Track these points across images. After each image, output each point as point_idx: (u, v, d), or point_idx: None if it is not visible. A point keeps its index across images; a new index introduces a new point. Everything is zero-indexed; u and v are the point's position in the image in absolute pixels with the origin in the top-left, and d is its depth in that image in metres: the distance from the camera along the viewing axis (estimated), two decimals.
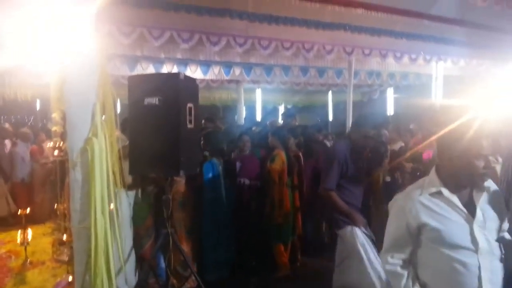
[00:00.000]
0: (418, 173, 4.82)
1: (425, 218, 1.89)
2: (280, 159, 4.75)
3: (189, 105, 3.26)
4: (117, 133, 2.83)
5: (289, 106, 15.00)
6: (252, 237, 4.78)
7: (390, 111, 12.01)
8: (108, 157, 2.38)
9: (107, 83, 2.51)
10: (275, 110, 14.73)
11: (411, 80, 10.65)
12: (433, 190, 1.92)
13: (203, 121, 6.93)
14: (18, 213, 5.49)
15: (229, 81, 10.28)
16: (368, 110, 12.73)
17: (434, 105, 8.26)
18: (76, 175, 2.34)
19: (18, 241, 4.93)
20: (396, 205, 2.05)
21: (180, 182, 4.15)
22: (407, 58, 7.62)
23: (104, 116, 2.45)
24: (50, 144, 6.52)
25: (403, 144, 6.51)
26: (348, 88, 7.70)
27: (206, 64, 8.54)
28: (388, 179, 5.33)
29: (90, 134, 2.32)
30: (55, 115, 4.32)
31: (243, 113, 11.01)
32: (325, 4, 5.59)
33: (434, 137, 4.20)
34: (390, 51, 7.28)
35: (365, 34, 6.50)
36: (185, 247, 4.07)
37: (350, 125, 7.44)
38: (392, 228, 2.05)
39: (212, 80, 9.77)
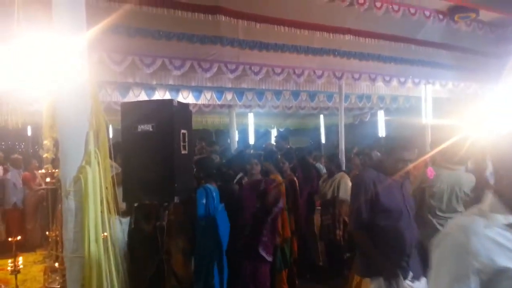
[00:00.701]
0: None
1: (504, 261, 1.36)
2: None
3: (183, 131, 3.29)
4: (110, 162, 2.85)
5: (281, 129, 15.13)
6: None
7: (381, 133, 12.16)
8: (102, 185, 2.39)
9: (99, 111, 2.54)
10: (268, 133, 14.85)
11: (401, 103, 10.84)
12: (504, 220, 1.41)
13: (202, 144, 6.99)
14: (9, 240, 5.41)
15: (221, 106, 10.39)
16: (365, 132, 12.91)
17: (425, 126, 8.40)
18: (69, 204, 2.34)
19: (9, 269, 4.83)
20: (451, 243, 1.48)
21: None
22: (396, 82, 7.80)
23: (97, 144, 2.47)
24: (42, 171, 6.51)
25: None
26: (340, 111, 7.83)
27: (198, 90, 8.64)
28: None
29: (84, 162, 2.33)
30: (47, 142, 4.34)
31: (236, 137, 11.09)
32: (314, 30, 5.76)
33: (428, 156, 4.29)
34: (379, 75, 7.45)
35: (354, 58, 6.66)
36: (184, 271, 4.03)
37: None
38: (447, 277, 1.44)
39: (204, 105, 9.87)
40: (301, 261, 5.50)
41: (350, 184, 5.33)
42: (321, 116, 13.31)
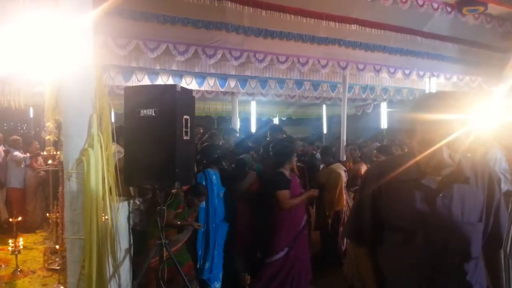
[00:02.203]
0: None
1: None
2: None
3: (185, 117, 3.28)
4: (115, 146, 2.85)
5: (283, 118, 15.09)
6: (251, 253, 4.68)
7: (384, 125, 12.13)
8: (104, 168, 2.39)
9: (103, 95, 2.54)
10: (270, 121, 14.83)
11: (405, 95, 10.80)
12: None
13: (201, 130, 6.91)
14: (10, 220, 5.47)
15: (224, 93, 10.36)
16: (367, 123, 12.88)
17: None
18: (71, 186, 2.35)
19: (10, 249, 4.88)
20: None
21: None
22: (401, 73, 7.76)
23: (100, 127, 2.47)
24: (43, 153, 6.53)
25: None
26: (343, 102, 7.81)
27: (202, 76, 8.60)
28: None
29: (86, 145, 2.34)
30: (49, 124, 4.34)
31: (238, 125, 11.06)
32: (320, 19, 5.71)
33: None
34: (384, 66, 7.41)
35: (359, 49, 6.62)
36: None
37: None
38: None
39: (207, 92, 9.84)
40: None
41: (341, 173, 5.34)
42: (324, 106, 13.26)
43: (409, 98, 10.82)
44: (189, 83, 8.40)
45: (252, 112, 11.75)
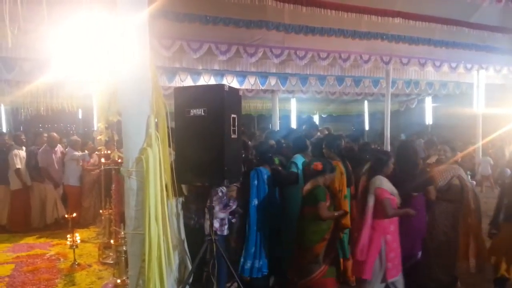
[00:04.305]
0: None
1: None
2: (339, 170, 4.39)
3: (233, 115, 3.36)
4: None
5: (324, 115, 14.98)
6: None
7: (428, 120, 11.78)
8: (161, 167, 2.50)
9: (159, 96, 2.65)
10: (310, 119, 14.74)
11: (451, 89, 10.44)
12: None
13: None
14: (66, 217, 5.79)
15: (264, 91, 10.44)
16: (411, 119, 12.58)
17: (476, 114, 8.08)
18: (131, 183, 2.48)
19: (68, 243, 5.17)
20: None
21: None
22: (447, 67, 7.50)
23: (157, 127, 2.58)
24: (96, 152, 6.85)
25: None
26: (386, 97, 7.64)
27: (242, 75, 8.71)
28: None
29: (145, 144, 2.45)
30: (101, 125, 4.55)
31: (278, 122, 11.11)
32: (362, 14, 5.63)
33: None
34: (429, 59, 7.20)
35: (403, 43, 6.47)
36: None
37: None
38: None
39: (247, 90, 9.95)
40: None
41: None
42: (366, 102, 13.04)
43: (456, 92, 10.46)
44: (230, 82, 8.53)
45: (292, 110, 11.75)
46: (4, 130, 10.55)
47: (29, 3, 2.48)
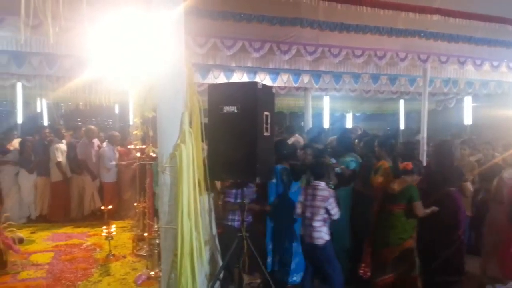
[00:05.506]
0: None
1: None
2: (386, 171, 4.43)
3: (266, 113, 3.37)
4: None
5: (357, 114, 14.74)
6: None
7: (467, 120, 11.36)
8: (194, 163, 2.54)
9: (194, 92, 2.69)
10: (343, 117, 14.55)
11: (492, 89, 10.02)
12: None
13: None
14: (102, 209, 5.99)
15: (297, 88, 10.36)
16: (449, 119, 12.20)
17: None
18: (165, 179, 2.54)
19: (103, 234, 5.35)
20: None
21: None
22: (488, 65, 7.20)
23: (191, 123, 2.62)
24: (130, 146, 7.01)
25: (481, 156, 6.16)
26: (423, 96, 7.41)
27: (275, 72, 8.68)
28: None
29: (179, 140, 2.50)
30: (137, 120, 4.67)
31: (310, 120, 11.02)
32: (399, 10, 5.49)
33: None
34: (469, 58, 6.93)
35: (441, 40, 6.25)
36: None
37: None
38: None
39: (280, 87, 9.91)
40: None
41: None
42: (401, 101, 12.71)
43: (497, 92, 10.02)
44: (263, 79, 8.52)
45: (324, 108, 11.61)
46: (46, 123, 11.00)
47: (69, 2, 2.57)
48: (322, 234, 3.90)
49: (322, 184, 3.96)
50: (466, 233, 4.93)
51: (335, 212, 3.90)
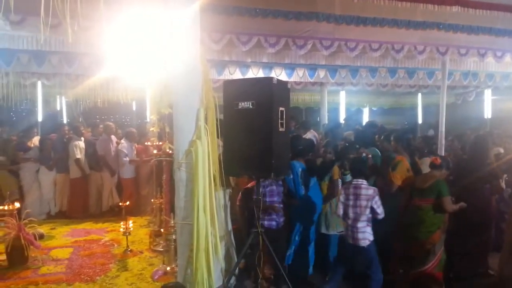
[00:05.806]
0: None
1: None
2: (404, 166, 4.42)
3: (281, 108, 3.35)
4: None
5: (374, 108, 14.56)
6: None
7: (487, 114, 11.11)
8: (210, 159, 2.55)
9: (209, 89, 2.69)
10: (359, 111, 14.40)
11: None
12: None
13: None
14: (120, 205, 6.06)
15: (313, 83, 10.29)
16: (468, 113, 11.98)
17: None
18: (181, 175, 2.55)
19: (121, 230, 5.43)
20: None
21: None
22: (510, 57, 7.01)
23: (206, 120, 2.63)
24: (147, 143, 7.07)
25: (502, 151, 6.00)
26: (442, 90, 7.28)
27: (291, 67, 8.63)
28: None
29: (195, 137, 2.51)
30: (153, 117, 4.70)
31: (326, 115, 10.94)
32: (417, 2, 5.39)
33: None
34: (489, 50, 6.76)
35: (461, 32, 6.11)
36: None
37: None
38: None
39: (296, 82, 9.86)
40: None
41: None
42: (419, 95, 12.50)
43: None
44: (279, 75, 8.49)
45: (341, 102, 11.50)
46: (65, 121, 11.18)
47: (87, 2, 2.59)
48: (366, 234, 3.81)
49: (365, 183, 3.87)
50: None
51: (382, 211, 3.80)
